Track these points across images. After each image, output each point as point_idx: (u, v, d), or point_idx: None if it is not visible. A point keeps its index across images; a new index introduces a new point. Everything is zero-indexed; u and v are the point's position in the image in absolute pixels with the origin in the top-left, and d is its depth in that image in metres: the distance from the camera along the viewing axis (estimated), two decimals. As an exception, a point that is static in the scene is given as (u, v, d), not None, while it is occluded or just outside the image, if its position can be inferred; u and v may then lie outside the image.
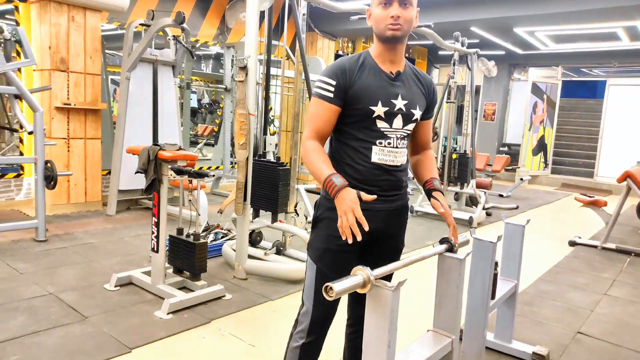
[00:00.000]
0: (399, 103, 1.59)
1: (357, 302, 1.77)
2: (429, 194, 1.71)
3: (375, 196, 1.50)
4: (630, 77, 10.36)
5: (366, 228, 1.40)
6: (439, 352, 1.73)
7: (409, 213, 1.79)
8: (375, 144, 1.59)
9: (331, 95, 1.56)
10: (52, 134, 4.92)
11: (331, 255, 1.63)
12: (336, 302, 1.67)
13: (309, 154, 1.57)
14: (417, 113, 1.64)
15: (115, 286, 3.16)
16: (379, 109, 1.56)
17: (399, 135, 1.62)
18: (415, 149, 1.82)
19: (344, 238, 1.42)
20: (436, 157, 10.00)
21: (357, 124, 1.59)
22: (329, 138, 1.70)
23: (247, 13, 3.41)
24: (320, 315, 1.67)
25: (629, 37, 8.41)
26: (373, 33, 1.61)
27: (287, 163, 3.84)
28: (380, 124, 1.58)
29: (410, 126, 1.65)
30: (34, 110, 4.03)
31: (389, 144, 1.60)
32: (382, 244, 1.69)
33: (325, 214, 1.65)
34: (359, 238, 1.40)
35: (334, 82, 1.55)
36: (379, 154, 1.59)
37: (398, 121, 1.60)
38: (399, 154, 1.63)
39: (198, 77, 10.58)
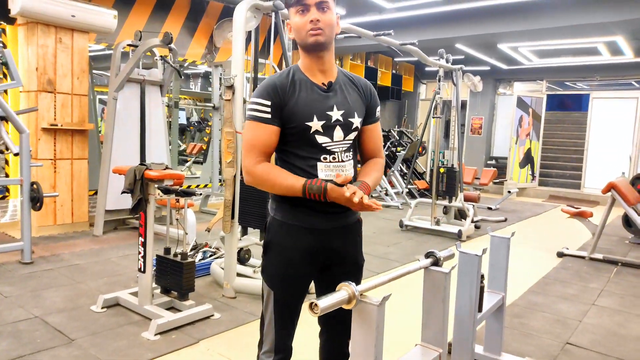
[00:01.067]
0: (335, 114, 1.54)
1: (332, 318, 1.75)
2: None
3: (350, 175, 1.48)
4: (612, 90, 10.58)
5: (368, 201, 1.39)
6: (426, 366, 1.73)
7: (400, 228, 1.77)
8: (320, 160, 1.53)
9: (269, 116, 1.50)
10: (39, 155, 4.90)
11: (287, 282, 1.60)
12: (296, 317, 1.67)
13: (267, 175, 1.49)
14: (357, 121, 1.59)
15: (102, 308, 3.12)
16: (315, 124, 1.51)
17: (342, 148, 1.56)
18: (365, 157, 1.72)
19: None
20: (424, 172, 10.10)
21: (297, 141, 1.53)
22: (274, 160, 1.63)
23: (233, 33, 3.45)
24: (283, 334, 1.66)
25: (609, 52, 8.62)
26: (298, 46, 1.56)
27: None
28: (321, 139, 1.53)
29: (352, 135, 1.59)
30: (20, 131, 4.01)
31: (334, 158, 1.55)
32: (341, 263, 1.64)
33: (276, 238, 1.60)
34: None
35: (268, 102, 1.49)
36: (326, 171, 1.53)
37: (338, 132, 1.55)
38: (345, 167, 1.57)
39: (186, 95, 10.61)
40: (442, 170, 6.36)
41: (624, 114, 10.08)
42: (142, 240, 2.97)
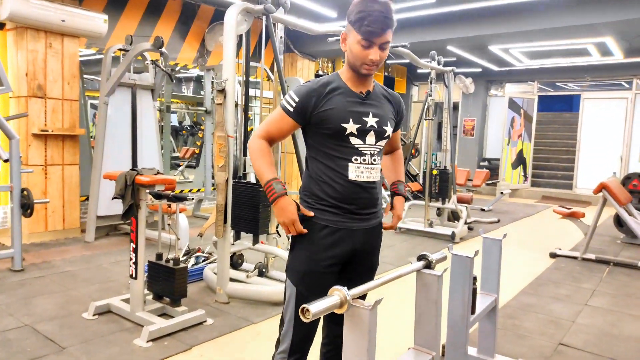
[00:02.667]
0: (371, 120, 1.64)
1: (333, 321, 1.77)
2: (392, 196, 1.86)
3: (312, 213, 1.62)
4: (602, 91, 10.66)
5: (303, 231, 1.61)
6: (419, 370, 1.73)
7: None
8: (351, 161, 1.62)
9: (291, 109, 1.62)
10: (29, 161, 4.85)
11: (312, 277, 1.65)
12: (317, 321, 1.68)
13: (257, 152, 1.66)
14: (389, 130, 1.70)
15: (94, 315, 3.09)
16: (351, 126, 1.60)
17: (372, 152, 1.66)
18: (386, 151, 1.91)
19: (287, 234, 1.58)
20: (417, 174, 10.13)
21: (331, 141, 1.62)
22: (304, 158, 1.74)
23: (224, 37, 3.45)
24: (301, 336, 1.68)
25: (599, 52, 8.68)
26: (345, 57, 1.65)
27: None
28: (354, 141, 1.62)
29: (383, 142, 1.70)
30: (9, 138, 3.98)
31: (364, 160, 1.64)
32: (359, 262, 1.72)
33: (302, 235, 1.66)
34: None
35: (297, 100, 1.61)
36: (356, 172, 1.63)
37: (371, 138, 1.64)
38: (374, 170, 1.67)
39: (179, 99, 10.58)
40: (434, 172, 6.37)
41: (615, 114, 10.16)
42: (134, 246, 2.95)
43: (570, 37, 7.36)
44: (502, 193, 8.76)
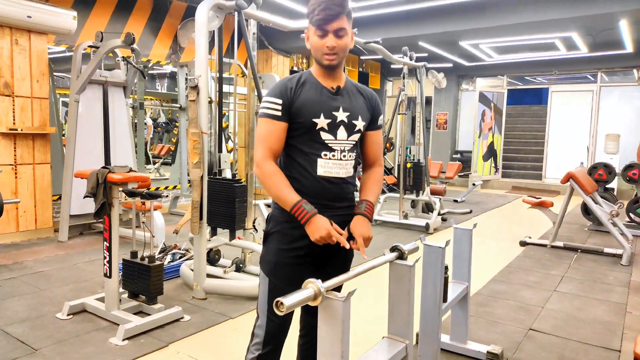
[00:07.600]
0: (341, 115, 1.65)
1: (308, 312, 1.80)
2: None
3: (345, 233, 1.61)
4: (569, 84, 10.96)
5: (347, 246, 1.58)
6: (393, 357, 1.78)
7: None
8: (321, 157, 1.64)
9: (279, 113, 1.61)
10: (-3, 160, 4.74)
11: (284, 269, 1.67)
12: (291, 312, 1.69)
13: (270, 177, 1.60)
14: (360, 124, 1.70)
15: (68, 315, 3.05)
16: (321, 121, 1.62)
17: (344, 148, 1.66)
18: (366, 164, 1.85)
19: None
20: (392, 167, 10.24)
21: (302, 136, 1.64)
22: None
23: (196, 33, 3.43)
24: (275, 327, 1.70)
25: (565, 47, 8.93)
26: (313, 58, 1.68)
27: (243, 179, 3.85)
28: (325, 136, 1.63)
29: (355, 137, 1.70)
30: (-25, 137, 3.88)
31: (334, 156, 1.65)
32: (333, 254, 1.72)
33: (276, 227, 1.68)
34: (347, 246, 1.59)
35: (280, 101, 1.61)
36: (324, 167, 1.64)
37: (342, 132, 1.65)
38: (344, 166, 1.67)
39: (153, 96, 10.43)
40: (408, 165, 6.47)
41: (581, 106, 10.48)
42: (107, 244, 2.93)
43: (538, 32, 7.56)
44: (474, 184, 8.95)
